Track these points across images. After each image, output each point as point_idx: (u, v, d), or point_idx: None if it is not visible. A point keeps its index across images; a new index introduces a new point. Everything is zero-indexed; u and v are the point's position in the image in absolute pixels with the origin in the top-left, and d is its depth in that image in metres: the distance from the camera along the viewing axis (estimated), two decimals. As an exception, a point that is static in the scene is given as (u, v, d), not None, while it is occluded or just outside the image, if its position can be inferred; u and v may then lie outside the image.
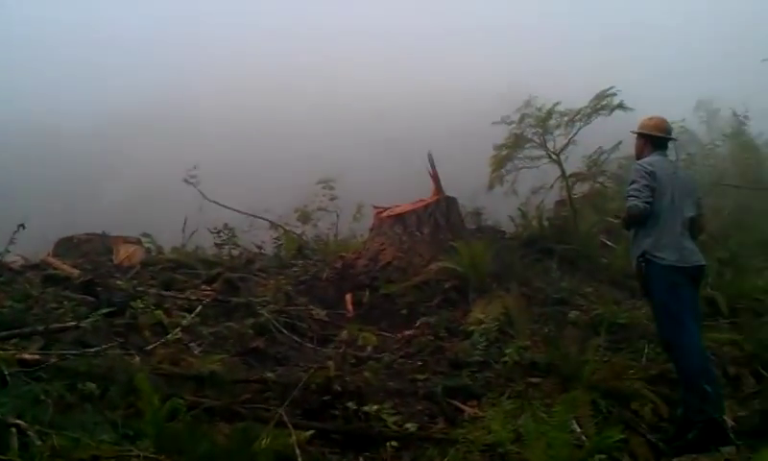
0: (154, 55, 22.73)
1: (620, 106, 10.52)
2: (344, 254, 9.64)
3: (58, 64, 21.87)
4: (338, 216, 11.69)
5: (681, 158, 12.82)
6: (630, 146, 6.48)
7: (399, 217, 9.38)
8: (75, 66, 21.73)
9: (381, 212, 9.68)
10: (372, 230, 9.81)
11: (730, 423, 5.66)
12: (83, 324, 6.16)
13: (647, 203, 5.54)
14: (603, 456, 4.74)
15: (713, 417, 5.20)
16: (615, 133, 10.30)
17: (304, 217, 11.71)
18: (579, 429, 5.19)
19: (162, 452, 3.77)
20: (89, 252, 9.53)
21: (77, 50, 22.31)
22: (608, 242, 10.48)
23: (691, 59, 22.09)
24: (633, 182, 5.69)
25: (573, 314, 7.79)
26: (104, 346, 5.84)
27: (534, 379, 6.20)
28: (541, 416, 4.85)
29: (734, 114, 15.64)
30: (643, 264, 5.66)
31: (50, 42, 22.47)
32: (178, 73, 21.87)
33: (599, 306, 7.91)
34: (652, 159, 5.80)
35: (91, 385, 4.81)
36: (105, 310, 6.55)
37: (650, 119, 6.04)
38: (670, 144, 6.13)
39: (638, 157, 6.05)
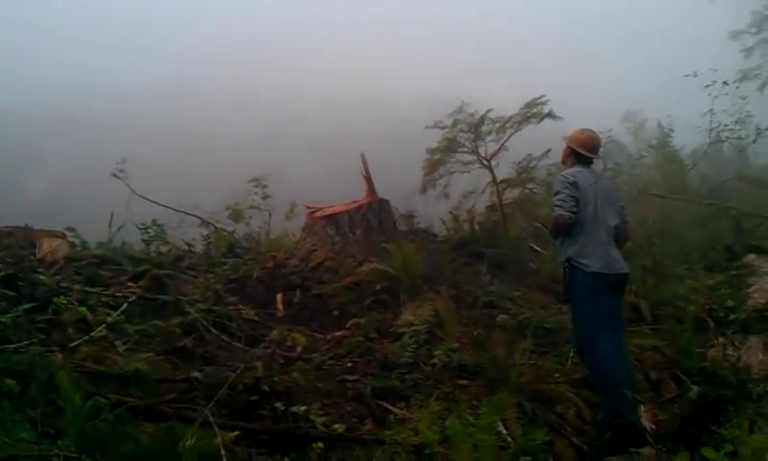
0: (81, 41, 22.15)
1: (550, 114, 10.73)
2: (275, 253, 9.56)
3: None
4: (270, 215, 11.56)
5: (608, 168, 13.25)
6: (558, 154, 6.62)
7: (332, 217, 9.37)
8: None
9: (314, 212, 9.65)
10: (304, 229, 9.78)
11: (649, 426, 5.85)
12: (2, 319, 5.95)
13: (572, 211, 5.69)
14: (528, 458, 4.86)
15: (630, 420, 5.36)
16: (545, 141, 10.51)
17: (236, 215, 11.53)
18: (505, 431, 5.29)
19: (84, 452, 3.67)
20: (11, 245, 9.18)
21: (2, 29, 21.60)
22: (536, 247, 10.68)
23: (620, 70, 22.72)
24: (557, 193, 5.84)
25: (501, 317, 7.91)
26: (24, 342, 5.67)
27: (462, 381, 6.30)
28: (468, 418, 4.91)
29: (660, 126, 16.15)
30: (567, 269, 5.79)
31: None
32: (109, 63, 21.36)
33: (526, 310, 8.04)
34: (574, 170, 5.96)
35: (11, 382, 4.65)
36: (26, 305, 6.34)
37: (581, 133, 6.18)
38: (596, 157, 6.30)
39: (563, 162, 6.22)
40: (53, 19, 22.85)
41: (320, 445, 4.93)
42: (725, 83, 14.22)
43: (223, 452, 4.07)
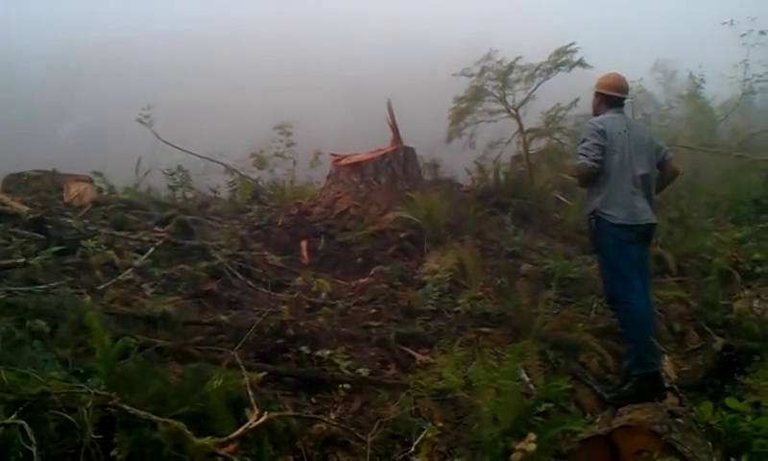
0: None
1: (580, 62, 10.53)
2: (300, 200, 9.58)
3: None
4: (295, 163, 11.58)
5: (637, 118, 13.03)
6: (588, 103, 6.52)
7: (357, 165, 9.35)
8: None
9: (338, 160, 9.63)
10: (328, 177, 9.77)
11: (673, 376, 5.86)
12: (32, 261, 6.06)
13: (596, 161, 5.60)
14: (550, 405, 4.89)
15: (653, 371, 5.37)
16: (574, 90, 10.34)
17: (260, 162, 11.57)
18: (527, 378, 5.33)
19: (113, 390, 3.74)
20: (39, 189, 9.28)
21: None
22: (562, 198, 10.59)
23: (651, 18, 22.23)
24: (583, 141, 5.74)
25: (525, 267, 7.88)
26: (54, 284, 5.77)
27: (485, 329, 6.31)
28: (492, 364, 4.94)
29: (691, 76, 15.81)
30: (593, 221, 5.74)
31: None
32: (133, 9, 21.28)
33: (551, 260, 7.99)
34: (603, 118, 5.84)
35: (41, 322, 4.77)
36: (55, 248, 6.45)
37: (606, 77, 6.06)
38: (626, 102, 6.19)
39: (595, 113, 6.09)
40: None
41: (345, 386, 5.01)
42: (762, 32, 13.84)
43: (250, 393, 4.13)
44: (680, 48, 17.50)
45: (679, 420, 4.29)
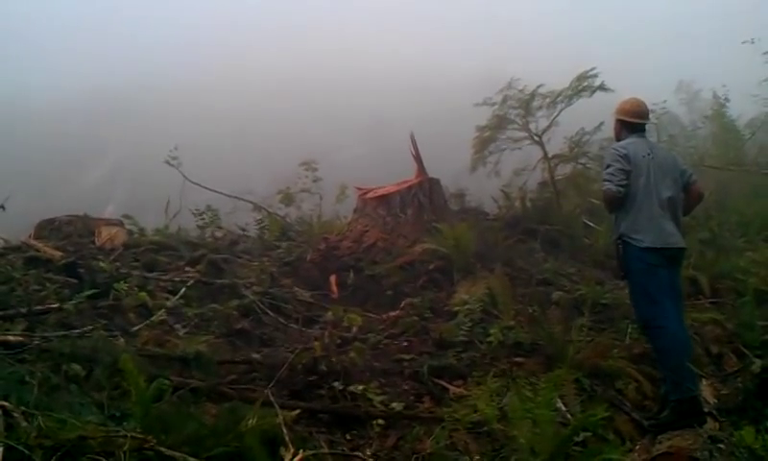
0: (131, 33, 22.53)
1: (601, 87, 10.53)
2: (328, 235, 9.62)
3: (32, 41, 21.60)
4: (321, 198, 11.62)
5: (663, 140, 12.95)
6: (611, 127, 6.50)
7: (383, 198, 9.37)
8: (52, 43, 21.47)
9: (364, 193, 9.66)
10: (355, 211, 9.80)
11: (712, 400, 5.75)
12: (66, 305, 6.13)
13: (621, 186, 5.56)
14: (588, 434, 4.81)
15: (691, 395, 5.26)
16: (597, 115, 10.30)
17: (287, 199, 11.62)
18: (564, 408, 5.26)
19: (149, 432, 3.75)
20: (71, 234, 9.40)
21: (51, 26, 22.04)
22: (590, 223, 10.52)
23: (673, 40, 22.18)
24: (607, 167, 5.72)
25: (557, 294, 7.82)
26: (88, 327, 5.83)
27: (518, 359, 6.27)
28: (527, 394, 4.88)
29: (715, 96, 15.71)
30: (620, 246, 5.68)
31: (20, 16, 22.17)
32: (156, 53, 21.66)
33: (582, 287, 7.94)
34: (626, 142, 5.82)
35: (76, 366, 4.81)
36: (88, 292, 6.52)
37: (625, 103, 6.03)
38: (649, 126, 6.15)
39: (617, 138, 6.08)
40: (102, 12, 23.25)
41: (379, 422, 4.98)
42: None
43: (284, 431, 4.12)
44: (702, 69, 17.44)
45: (720, 445, 4.23)
